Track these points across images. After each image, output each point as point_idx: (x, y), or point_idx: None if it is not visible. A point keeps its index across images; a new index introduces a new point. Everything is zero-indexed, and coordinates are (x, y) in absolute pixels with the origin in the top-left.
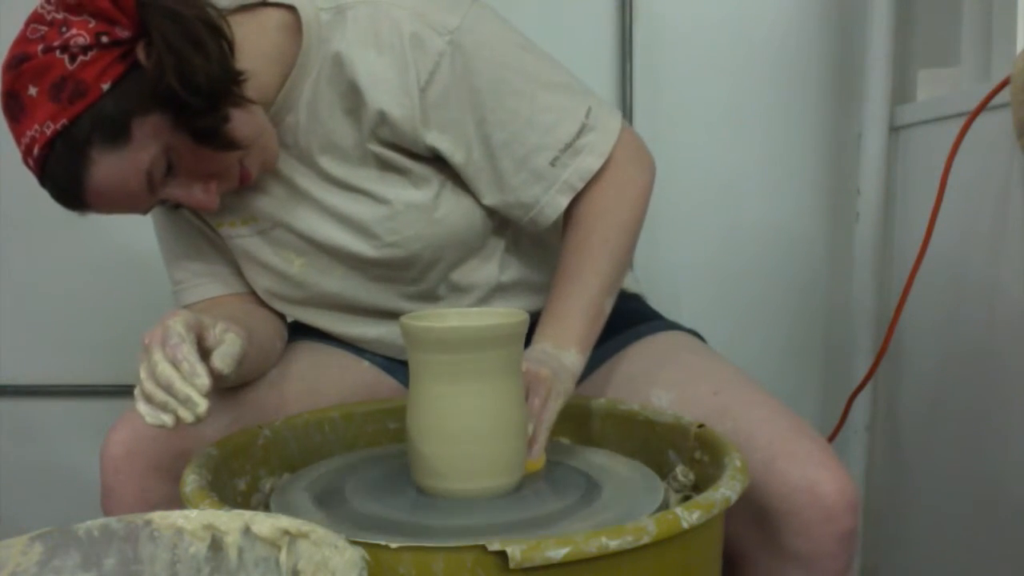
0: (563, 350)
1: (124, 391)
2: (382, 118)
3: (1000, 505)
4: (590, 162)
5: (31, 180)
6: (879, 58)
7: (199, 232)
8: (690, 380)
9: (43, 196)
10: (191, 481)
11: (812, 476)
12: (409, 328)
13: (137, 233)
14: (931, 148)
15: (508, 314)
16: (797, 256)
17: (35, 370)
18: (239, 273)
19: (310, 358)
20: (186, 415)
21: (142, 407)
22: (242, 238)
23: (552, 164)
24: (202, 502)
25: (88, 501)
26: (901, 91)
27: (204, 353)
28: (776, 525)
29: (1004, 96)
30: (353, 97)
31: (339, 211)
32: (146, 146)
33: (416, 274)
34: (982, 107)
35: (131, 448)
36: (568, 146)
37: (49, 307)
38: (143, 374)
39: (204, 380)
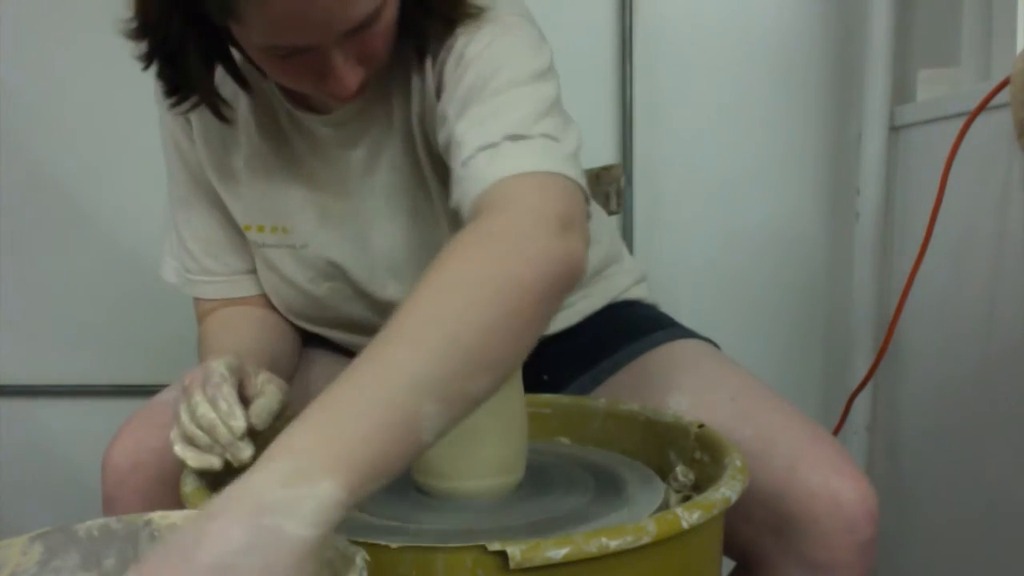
0: (300, 488)
1: (125, 391)
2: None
3: (1000, 505)
4: (507, 165)
5: (31, 180)
6: (879, 58)
7: (236, 226)
8: (708, 386)
9: (43, 196)
10: (191, 481)
11: (834, 484)
12: None
13: (138, 233)
14: (931, 148)
15: None
16: (797, 256)
17: (35, 370)
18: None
19: (326, 376)
20: (233, 458)
21: (182, 450)
22: (267, 248)
23: (463, 164)
24: (202, 502)
25: (88, 501)
26: (901, 91)
27: (244, 400)
28: (795, 532)
29: (1004, 96)
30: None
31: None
32: None
33: None
34: (982, 107)
35: (136, 460)
36: (487, 146)
37: (49, 307)
38: (184, 416)
39: (240, 423)
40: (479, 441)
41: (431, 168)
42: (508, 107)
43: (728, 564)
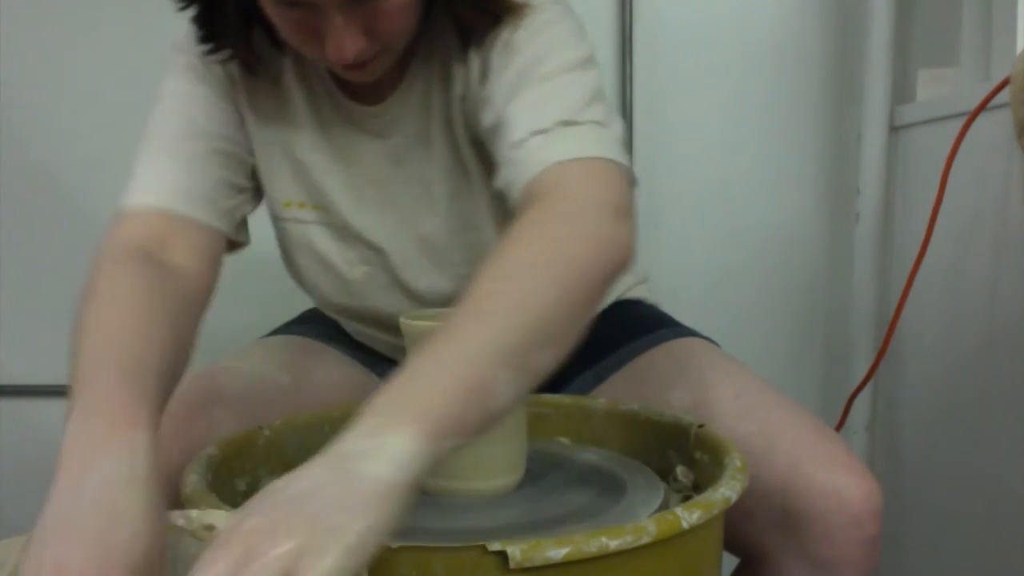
0: (383, 437)
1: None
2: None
3: (1001, 505)
4: (564, 149)
5: (31, 180)
6: (879, 58)
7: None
8: (712, 383)
9: (43, 196)
10: (191, 481)
11: (838, 481)
12: (409, 328)
13: None
14: (931, 148)
15: None
16: (797, 256)
17: (35, 370)
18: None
19: (326, 378)
20: None
21: None
22: (307, 225)
23: (515, 146)
24: (202, 502)
25: None
26: (901, 91)
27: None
28: (800, 528)
29: (1004, 96)
30: (458, 81)
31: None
32: None
33: None
34: (982, 107)
35: None
36: (540, 131)
37: (49, 307)
38: None
39: None
40: (479, 441)
41: (472, 152)
42: (558, 93)
43: (731, 562)
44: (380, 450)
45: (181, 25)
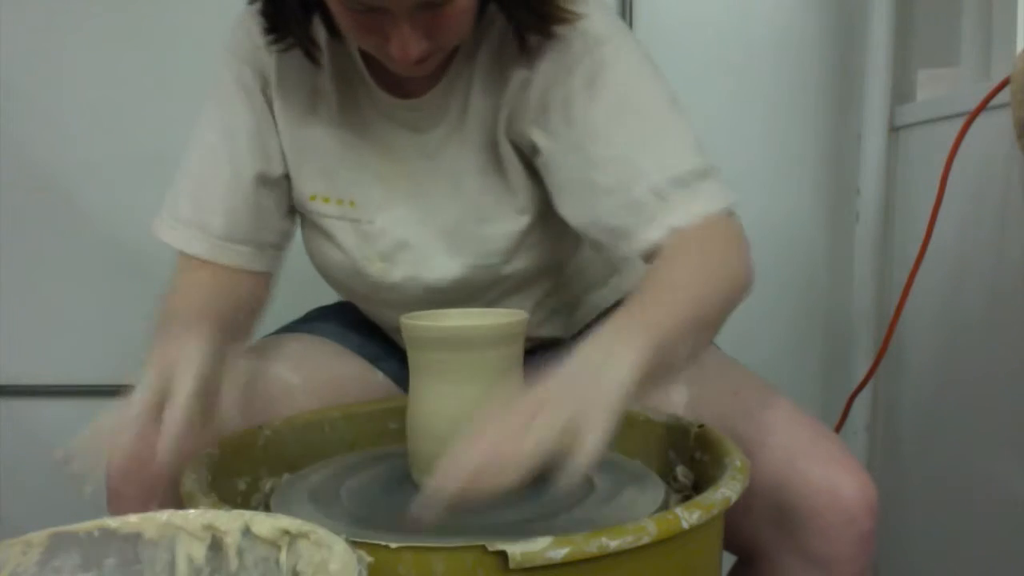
0: (618, 346)
1: (125, 391)
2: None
3: (1000, 505)
4: (705, 205)
5: (31, 179)
6: (879, 58)
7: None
8: (710, 379)
9: (43, 196)
10: (191, 481)
11: (833, 477)
12: (409, 327)
13: (137, 233)
14: (931, 148)
15: (508, 314)
16: (797, 256)
17: (35, 370)
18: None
19: (328, 371)
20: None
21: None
22: (329, 219)
23: (656, 194)
24: (202, 502)
25: (89, 501)
26: (901, 91)
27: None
28: (796, 525)
29: (1004, 96)
30: (503, 81)
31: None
32: None
33: (481, 302)
34: (982, 107)
35: (139, 453)
36: (679, 180)
37: (49, 307)
38: (113, 416)
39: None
40: None
41: (513, 152)
42: (674, 133)
43: (728, 560)
44: (614, 358)
45: (181, 25)
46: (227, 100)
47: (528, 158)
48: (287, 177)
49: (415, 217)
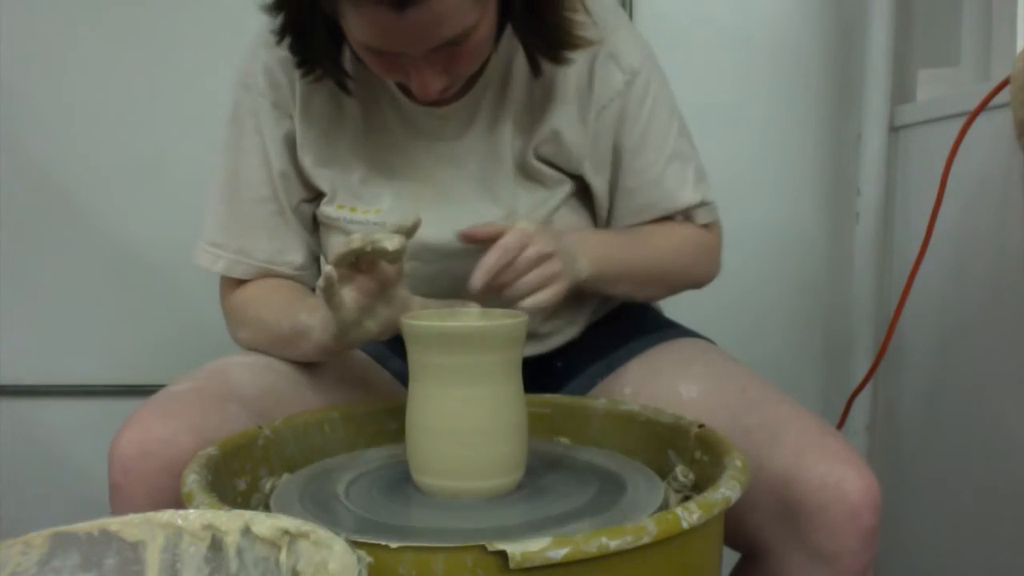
0: (578, 249)
1: (125, 391)
2: (555, 136)
3: (1000, 504)
4: (699, 218)
5: (31, 179)
6: (879, 58)
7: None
8: (718, 377)
9: (43, 196)
10: (191, 481)
11: (839, 473)
12: (409, 327)
13: (138, 233)
14: (931, 148)
15: (508, 315)
16: (797, 256)
17: (35, 370)
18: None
19: (335, 369)
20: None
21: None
22: (354, 225)
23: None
24: (202, 502)
25: (89, 501)
26: (901, 91)
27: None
28: (800, 520)
29: (1004, 96)
30: (531, 104)
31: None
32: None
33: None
34: (982, 107)
35: (143, 448)
36: (682, 212)
37: (49, 307)
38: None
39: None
40: (479, 441)
41: (529, 157)
42: (680, 170)
43: (731, 558)
44: (578, 253)
45: (181, 26)
46: (244, 129)
47: (555, 162)
48: (310, 201)
49: (437, 223)
